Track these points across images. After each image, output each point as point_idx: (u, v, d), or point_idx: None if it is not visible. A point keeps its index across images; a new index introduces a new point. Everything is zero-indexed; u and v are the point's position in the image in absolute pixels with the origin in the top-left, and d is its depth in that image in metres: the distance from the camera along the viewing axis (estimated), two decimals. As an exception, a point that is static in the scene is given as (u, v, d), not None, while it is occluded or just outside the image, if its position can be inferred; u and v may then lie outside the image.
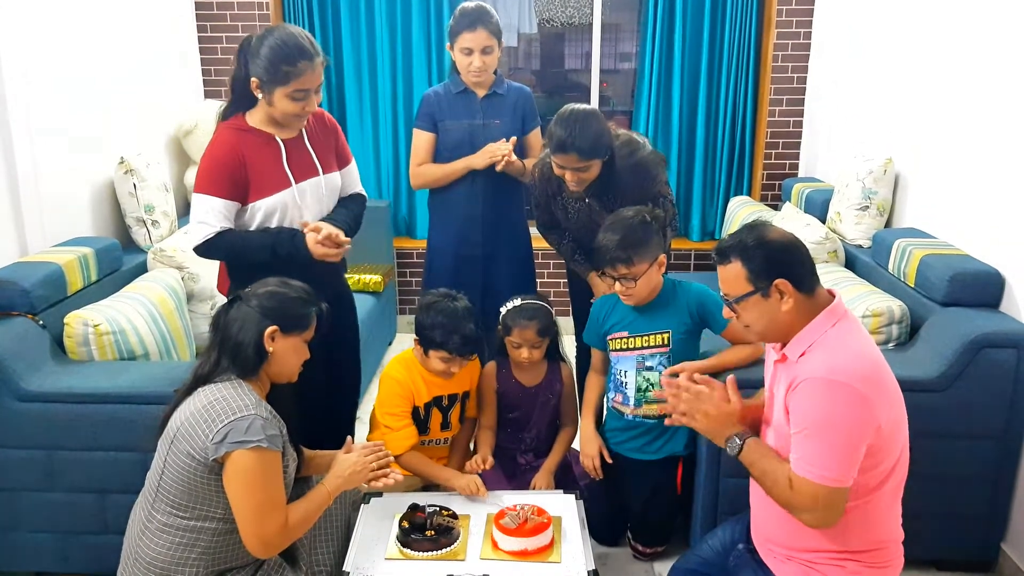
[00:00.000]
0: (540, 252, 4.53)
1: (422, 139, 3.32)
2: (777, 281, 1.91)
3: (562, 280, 4.92)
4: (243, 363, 2.08)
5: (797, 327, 1.94)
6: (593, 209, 2.97)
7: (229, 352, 2.08)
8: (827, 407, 1.82)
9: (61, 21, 3.31)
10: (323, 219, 2.65)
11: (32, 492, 2.63)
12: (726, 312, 2.04)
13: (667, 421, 2.18)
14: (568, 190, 2.95)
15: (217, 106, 4.28)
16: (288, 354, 2.14)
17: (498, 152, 3.16)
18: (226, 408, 1.98)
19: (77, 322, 2.75)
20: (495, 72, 3.29)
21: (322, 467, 2.42)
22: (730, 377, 2.11)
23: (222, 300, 3.33)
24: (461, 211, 3.33)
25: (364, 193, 2.90)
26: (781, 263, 1.92)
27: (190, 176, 4.24)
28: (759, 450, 1.98)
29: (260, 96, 2.47)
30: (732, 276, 1.97)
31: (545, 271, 4.84)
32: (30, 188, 3.07)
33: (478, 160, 3.21)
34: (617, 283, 2.64)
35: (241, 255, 2.55)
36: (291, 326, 2.13)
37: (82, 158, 3.45)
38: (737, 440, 1.99)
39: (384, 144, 4.86)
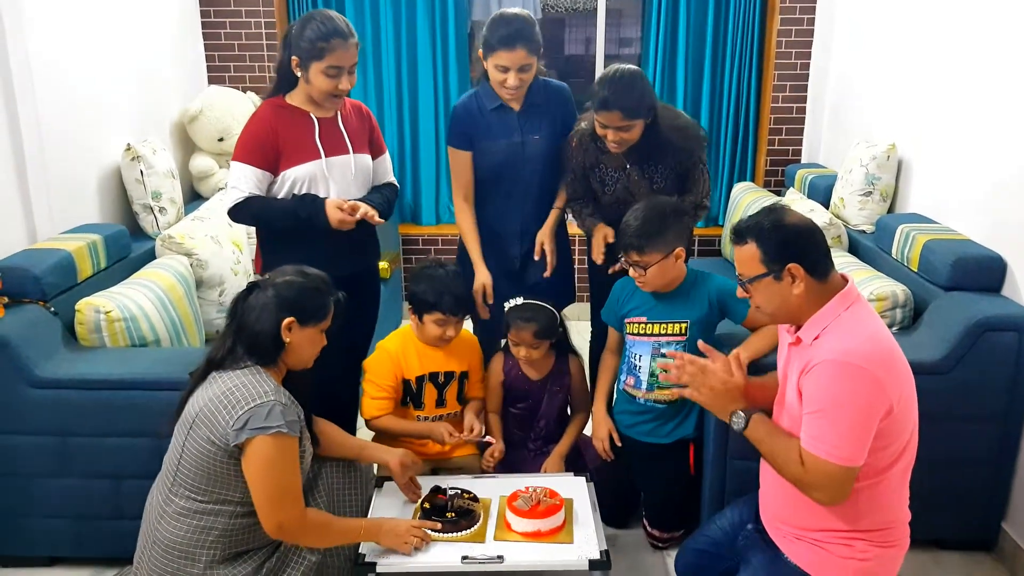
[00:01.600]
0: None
1: (461, 160, 3.08)
2: (790, 265, 1.93)
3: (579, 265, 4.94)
4: (261, 353, 2.11)
5: (807, 311, 1.97)
6: (632, 179, 2.96)
7: (246, 341, 2.11)
8: (840, 388, 1.84)
9: (66, 9, 3.32)
10: (359, 199, 2.78)
11: (46, 478, 2.65)
12: (739, 292, 2.07)
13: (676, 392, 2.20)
14: (607, 161, 2.95)
15: (221, 91, 4.33)
16: (305, 344, 2.17)
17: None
18: (246, 395, 2.01)
19: (89, 309, 2.77)
20: None
21: (344, 450, 2.45)
22: (733, 352, 2.16)
23: (231, 287, 3.41)
24: (496, 228, 3.13)
25: (396, 183, 3.01)
26: (795, 247, 1.95)
27: (195, 162, 4.25)
28: (766, 427, 2.01)
29: (299, 74, 2.68)
30: (747, 257, 2.00)
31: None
32: (38, 175, 3.09)
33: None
34: (631, 268, 2.66)
35: (266, 218, 2.73)
36: (308, 317, 2.15)
37: (88, 145, 3.47)
38: (742, 415, 2.03)
39: (389, 132, 4.87)
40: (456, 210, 3.16)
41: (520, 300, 2.84)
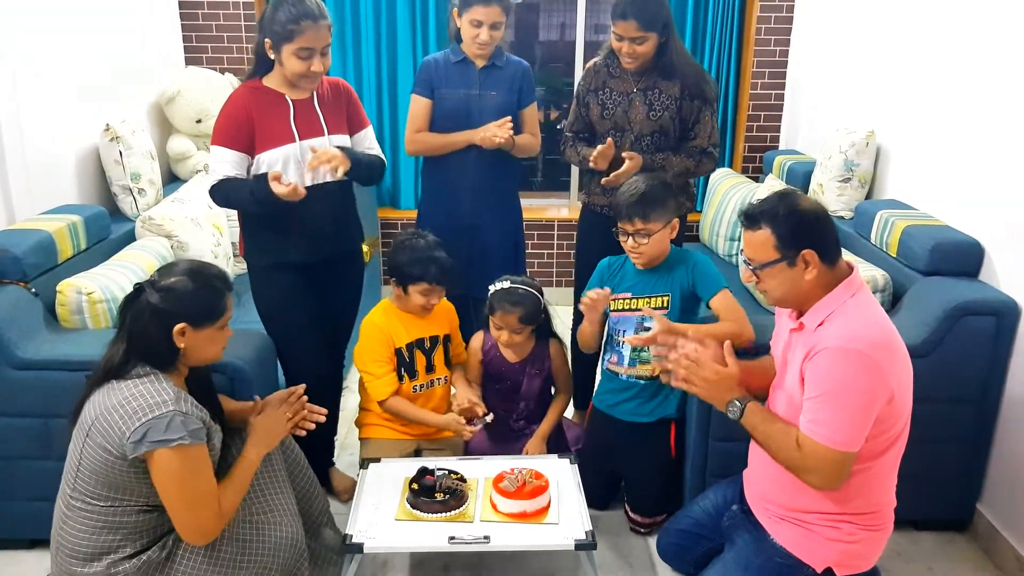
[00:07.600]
0: (526, 223, 4.56)
1: (420, 105, 3.30)
2: (804, 251, 1.94)
3: (546, 251, 4.97)
4: (156, 360, 2.01)
5: (814, 297, 1.99)
6: (634, 105, 3.06)
7: (139, 349, 2.00)
8: (844, 374, 1.86)
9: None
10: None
11: (29, 460, 2.62)
12: (746, 276, 2.08)
13: (664, 379, 2.20)
14: (615, 85, 3.07)
15: (199, 73, 4.29)
16: (204, 345, 2.07)
17: (496, 139, 3.15)
18: (143, 405, 1.91)
19: (70, 290, 2.74)
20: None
21: (236, 419, 2.37)
22: (727, 342, 2.15)
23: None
24: (452, 181, 3.33)
25: (382, 156, 2.98)
26: (810, 234, 1.96)
27: (173, 144, 4.21)
28: (761, 414, 2.03)
29: (272, 57, 2.66)
30: (759, 242, 2.00)
31: (530, 242, 4.86)
32: (16, 155, 3.05)
33: (477, 136, 3.20)
34: (630, 239, 2.67)
35: (233, 200, 2.72)
36: (201, 319, 2.04)
37: (66, 126, 3.42)
38: (738, 404, 2.04)
39: (368, 115, 4.80)
40: (411, 141, 3.35)
41: (508, 283, 2.84)
